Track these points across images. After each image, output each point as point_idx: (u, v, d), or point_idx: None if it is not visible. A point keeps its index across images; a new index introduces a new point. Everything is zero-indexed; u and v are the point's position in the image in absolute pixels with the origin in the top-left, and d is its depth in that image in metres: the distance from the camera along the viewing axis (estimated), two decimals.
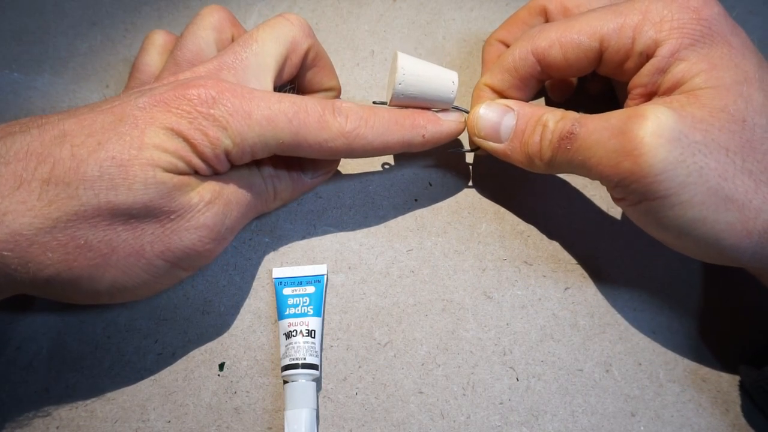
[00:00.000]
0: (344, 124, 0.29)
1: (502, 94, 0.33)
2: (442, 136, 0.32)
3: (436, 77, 0.32)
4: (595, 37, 0.29)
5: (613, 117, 0.27)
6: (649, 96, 0.29)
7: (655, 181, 0.26)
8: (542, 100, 0.39)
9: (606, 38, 0.29)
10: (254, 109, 0.28)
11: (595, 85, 0.37)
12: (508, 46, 0.35)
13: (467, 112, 0.33)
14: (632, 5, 0.29)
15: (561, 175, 0.36)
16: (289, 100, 0.29)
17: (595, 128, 0.28)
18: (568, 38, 0.30)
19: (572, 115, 0.29)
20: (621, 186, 0.27)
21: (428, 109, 0.33)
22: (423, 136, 0.31)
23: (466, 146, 0.37)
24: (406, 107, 0.32)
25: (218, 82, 0.27)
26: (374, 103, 0.34)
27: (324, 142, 0.29)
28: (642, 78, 0.29)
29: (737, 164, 0.26)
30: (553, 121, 0.29)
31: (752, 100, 0.27)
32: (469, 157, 0.37)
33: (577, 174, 0.30)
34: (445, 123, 0.32)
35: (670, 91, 0.28)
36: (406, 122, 0.31)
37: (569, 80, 0.37)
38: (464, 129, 0.33)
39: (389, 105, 0.32)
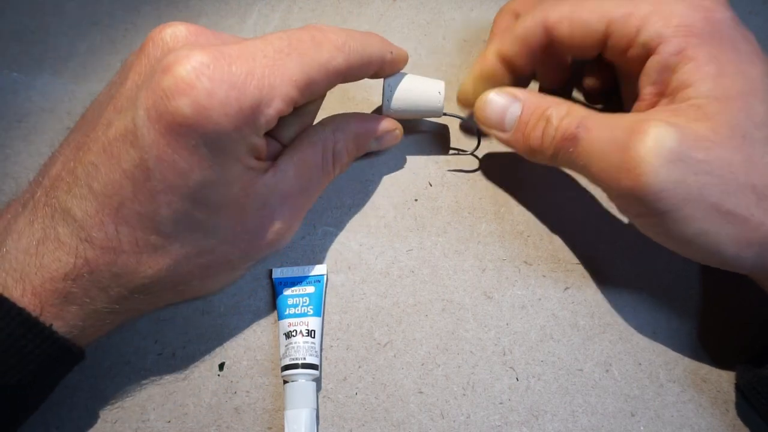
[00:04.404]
0: (338, 39, 0.29)
1: (506, 61, 0.32)
2: (402, 59, 0.33)
3: (423, 90, 0.33)
4: (602, 20, 0.29)
5: (618, 128, 0.27)
6: (658, 96, 0.29)
7: (655, 199, 0.26)
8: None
9: (612, 23, 0.29)
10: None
11: (593, 80, 0.36)
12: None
13: (461, 118, 0.35)
14: None
15: (562, 175, 0.36)
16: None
17: (599, 138, 0.28)
18: (578, 15, 0.30)
19: (577, 112, 0.29)
20: (622, 199, 0.28)
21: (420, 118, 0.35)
22: (391, 52, 0.32)
23: (465, 147, 0.37)
24: (400, 120, 0.35)
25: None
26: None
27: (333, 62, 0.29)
28: (650, 76, 0.29)
29: (740, 179, 0.26)
30: (557, 117, 0.29)
31: (755, 113, 0.26)
32: (469, 158, 0.37)
33: (578, 173, 0.30)
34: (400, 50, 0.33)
35: (677, 90, 0.28)
36: (376, 40, 0.31)
37: (563, 66, 0.36)
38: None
39: None
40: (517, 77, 0.33)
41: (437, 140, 0.37)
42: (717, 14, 0.27)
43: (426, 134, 0.38)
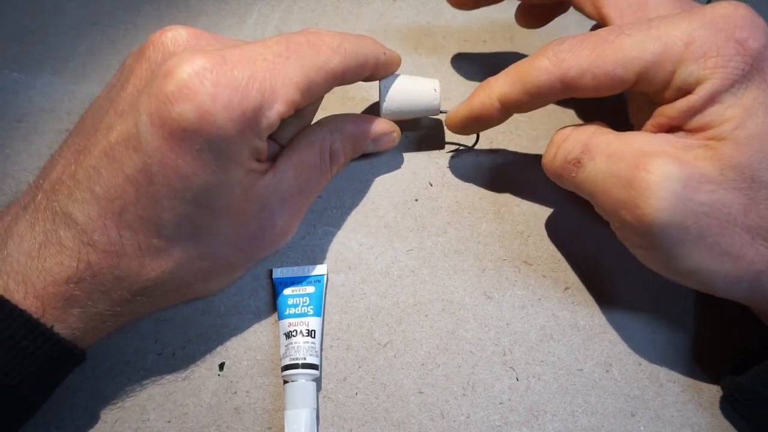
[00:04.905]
0: (333, 41, 0.29)
1: (510, 107, 0.31)
2: (395, 61, 0.33)
3: (419, 89, 0.34)
4: (631, 71, 0.27)
5: (623, 160, 0.27)
6: (673, 128, 0.28)
7: (653, 237, 0.26)
8: None
9: (644, 72, 0.27)
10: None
11: None
12: None
13: None
14: (674, 29, 0.27)
15: None
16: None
17: (603, 171, 0.27)
18: (602, 70, 0.28)
19: (580, 135, 0.29)
20: (622, 230, 0.28)
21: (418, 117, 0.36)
22: (384, 53, 0.32)
23: (465, 143, 0.37)
24: (398, 120, 0.35)
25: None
26: None
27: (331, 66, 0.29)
28: (673, 111, 0.27)
29: (738, 221, 0.26)
30: (558, 139, 0.30)
31: (767, 156, 0.26)
32: (469, 158, 0.37)
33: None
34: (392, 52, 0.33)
35: (696, 129, 0.27)
36: (369, 41, 0.32)
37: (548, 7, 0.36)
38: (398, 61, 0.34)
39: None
40: None
41: (436, 138, 0.37)
42: (752, 44, 0.26)
43: (425, 132, 0.38)
